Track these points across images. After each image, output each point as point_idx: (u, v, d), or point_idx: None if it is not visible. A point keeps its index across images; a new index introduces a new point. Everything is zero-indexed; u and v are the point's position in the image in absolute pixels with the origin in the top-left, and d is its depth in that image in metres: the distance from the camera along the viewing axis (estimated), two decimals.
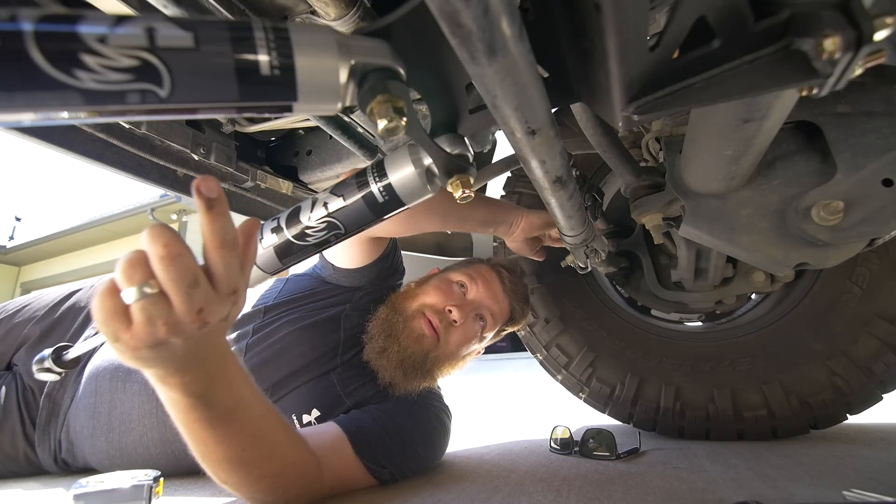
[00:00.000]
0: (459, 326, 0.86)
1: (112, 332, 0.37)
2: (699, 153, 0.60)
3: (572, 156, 0.83)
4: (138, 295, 0.35)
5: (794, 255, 0.63)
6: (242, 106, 0.28)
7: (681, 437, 1.12)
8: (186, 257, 0.36)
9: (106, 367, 0.87)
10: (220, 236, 0.36)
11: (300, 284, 0.97)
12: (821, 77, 0.29)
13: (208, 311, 0.38)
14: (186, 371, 0.44)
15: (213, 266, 0.38)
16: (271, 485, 0.60)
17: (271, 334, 0.88)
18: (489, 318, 0.90)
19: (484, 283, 0.91)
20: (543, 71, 0.42)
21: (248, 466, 0.56)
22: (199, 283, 0.37)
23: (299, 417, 0.83)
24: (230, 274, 0.38)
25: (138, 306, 0.36)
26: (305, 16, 0.66)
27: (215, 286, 0.38)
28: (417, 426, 0.83)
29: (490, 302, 0.90)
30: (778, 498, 0.67)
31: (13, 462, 0.89)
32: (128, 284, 0.36)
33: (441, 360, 0.87)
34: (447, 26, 0.25)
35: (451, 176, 0.41)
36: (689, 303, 1.17)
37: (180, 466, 0.86)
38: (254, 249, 0.41)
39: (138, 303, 0.36)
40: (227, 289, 0.39)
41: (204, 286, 0.37)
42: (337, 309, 0.92)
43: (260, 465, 0.57)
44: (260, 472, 0.58)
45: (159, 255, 0.35)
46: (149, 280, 0.35)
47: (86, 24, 0.24)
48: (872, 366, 0.99)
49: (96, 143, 0.90)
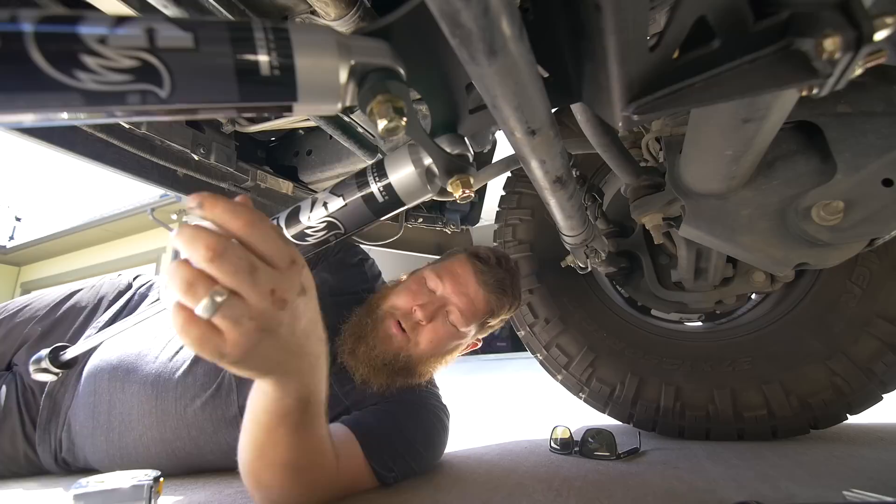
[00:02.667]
0: (428, 325, 0.85)
1: (213, 351, 0.35)
2: (699, 153, 0.60)
3: (572, 156, 0.83)
4: (212, 306, 0.33)
5: (794, 255, 0.63)
6: (242, 106, 0.28)
7: (681, 437, 1.12)
8: (232, 247, 0.34)
9: (104, 367, 0.87)
10: (244, 215, 0.35)
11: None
12: (821, 77, 0.29)
13: (280, 289, 0.37)
14: (293, 367, 0.44)
15: (255, 246, 0.36)
16: (309, 490, 0.61)
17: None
18: (457, 315, 0.86)
19: (452, 279, 0.88)
20: (543, 71, 0.42)
21: (301, 472, 0.58)
22: (258, 267, 0.35)
23: None
24: (276, 245, 0.37)
25: (220, 317, 0.34)
26: (305, 16, 0.66)
27: (271, 263, 0.36)
28: (420, 426, 0.83)
29: (458, 298, 0.86)
30: (778, 498, 0.67)
31: (13, 462, 0.90)
32: (196, 301, 0.33)
33: (418, 359, 0.86)
34: (447, 26, 0.25)
35: (451, 176, 0.41)
36: (689, 303, 1.17)
37: (180, 465, 0.86)
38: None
39: (218, 314, 0.34)
40: (283, 261, 0.37)
41: (262, 267, 0.35)
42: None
43: (310, 472, 0.59)
44: (308, 478, 0.59)
45: (208, 259, 0.33)
46: (213, 287, 0.33)
47: (86, 25, 0.24)
48: (872, 366, 0.99)
49: (96, 143, 0.90)
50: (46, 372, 0.67)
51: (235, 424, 0.84)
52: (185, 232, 0.33)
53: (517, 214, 1.37)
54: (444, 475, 0.87)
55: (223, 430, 0.84)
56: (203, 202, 0.34)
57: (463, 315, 0.86)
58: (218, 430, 0.84)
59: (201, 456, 0.86)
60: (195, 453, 0.85)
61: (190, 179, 1.07)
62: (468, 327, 0.88)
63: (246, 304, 0.35)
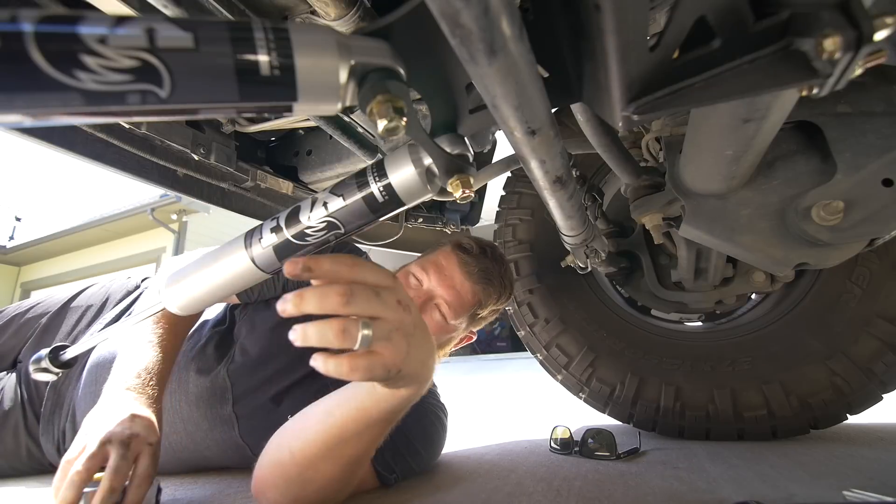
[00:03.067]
0: None
1: (383, 371, 0.40)
2: (699, 153, 0.60)
3: (572, 156, 0.83)
4: (365, 338, 0.38)
5: (794, 255, 0.63)
6: (242, 106, 0.28)
7: (681, 437, 1.12)
8: (355, 284, 0.40)
9: (108, 358, 0.89)
10: (345, 261, 0.41)
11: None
12: (821, 77, 0.29)
13: (400, 298, 0.43)
14: (429, 370, 0.48)
15: (365, 279, 0.41)
16: (352, 483, 0.63)
17: (249, 333, 0.90)
18: (445, 307, 0.85)
19: (437, 271, 0.86)
20: (543, 71, 0.42)
21: (360, 465, 0.61)
22: (377, 290, 0.41)
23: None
24: (377, 271, 0.43)
25: (377, 345, 0.39)
26: (305, 16, 0.66)
27: (382, 285, 0.42)
28: (419, 426, 0.83)
29: (444, 290, 0.85)
30: (778, 498, 0.67)
31: (15, 457, 0.91)
32: (352, 342, 0.37)
33: None
34: (447, 26, 0.25)
35: (451, 176, 0.41)
36: (689, 303, 1.17)
37: (179, 460, 0.87)
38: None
39: (374, 343, 0.39)
40: (388, 279, 0.43)
41: (380, 290, 0.41)
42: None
43: (363, 465, 0.62)
44: (359, 472, 0.63)
45: (344, 303, 0.38)
46: (357, 323, 0.38)
47: (86, 25, 0.24)
48: (872, 366, 0.99)
49: (96, 143, 0.90)
50: (46, 371, 0.67)
51: (230, 424, 0.84)
52: (311, 297, 0.38)
53: (517, 214, 1.37)
54: (444, 475, 0.87)
55: (218, 427, 0.85)
56: (308, 266, 0.39)
57: (451, 307, 0.85)
58: (213, 428, 0.85)
59: (198, 452, 0.87)
60: (192, 448, 0.86)
61: (190, 179, 1.07)
62: (458, 319, 0.87)
63: (385, 321, 0.40)
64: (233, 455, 0.86)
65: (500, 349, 7.48)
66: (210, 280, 0.48)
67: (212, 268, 0.47)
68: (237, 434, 0.84)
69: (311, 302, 0.38)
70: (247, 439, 0.84)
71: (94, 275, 7.68)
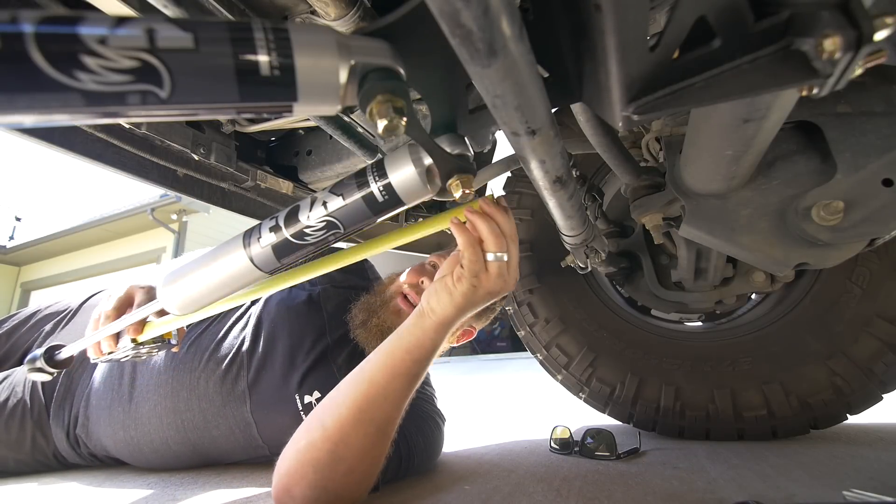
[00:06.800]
0: None
1: (504, 282, 0.56)
2: (699, 153, 0.60)
3: (572, 156, 0.83)
4: (499, 257, 0.55)
5: (794, 255, 0.63)
6: (242, 106, 0.28)
7: (681, 437, 1.12)
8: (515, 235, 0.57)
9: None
10: (510, 217, 0.55)
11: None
12: (821, 77, 0.29)
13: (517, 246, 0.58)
14: (481, 297, 0.58)
15: (510, 231, 0.56)
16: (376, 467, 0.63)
17: (258, 321, 0.94)
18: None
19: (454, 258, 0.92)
20: (543, 71, 0.42)
21: (387, 437, 0.61)
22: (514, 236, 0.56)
23: (301, 398, 0.84)
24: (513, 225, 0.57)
25: (511, 258, 0.55)
26: (305, 16, 0.66)
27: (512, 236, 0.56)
28: (419, 432, 0.83)
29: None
30: (778, 498, 0.67)
31: (20, 448, 0.93)
32: (501, 249, 0.54)
33: None
34: (447, 26, 0.25)
35: (451, 176, 0.41)
36: (689, 303, 1.17)
37: (187, 440, 0.90)
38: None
39: (508, 256, 0.55)
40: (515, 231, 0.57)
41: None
42: (308, 290, 0.98)
43: (388, 437, 0.62)
44: (384, 450, 0.62)
45: (511, 241, 0.55)
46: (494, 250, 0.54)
47: (86, 26, 0.24)
48: (872, 366, 0.99)
49: (96, 143, 0.90)
50: (41, 371, 0.68)
51: (243, 400, 0.88)
52: (505, 221, 0.54)
53: (517, 214, 1.37)
54: (444, 475, 0.87)
55: (231, 403, 0.88)
56: (500, 210, 0.54)
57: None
58: (227, 404, 0.88)
59: (207, 430, 0.89)
60: (202, 426, 0.89)
61: (190, 179, 1.07)
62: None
63: (515, 252, 0.56)
64: (238, 435, 0.89)
65: (500, 349, 7.48)
66: (208, 279, 0.48)
67: (210, 267, 0.47)
68: (248, 410, 0.87)
69: (506, 225, 0.54)
70: (255, 416, 0.87)
71: (94, 275, 7.68)
